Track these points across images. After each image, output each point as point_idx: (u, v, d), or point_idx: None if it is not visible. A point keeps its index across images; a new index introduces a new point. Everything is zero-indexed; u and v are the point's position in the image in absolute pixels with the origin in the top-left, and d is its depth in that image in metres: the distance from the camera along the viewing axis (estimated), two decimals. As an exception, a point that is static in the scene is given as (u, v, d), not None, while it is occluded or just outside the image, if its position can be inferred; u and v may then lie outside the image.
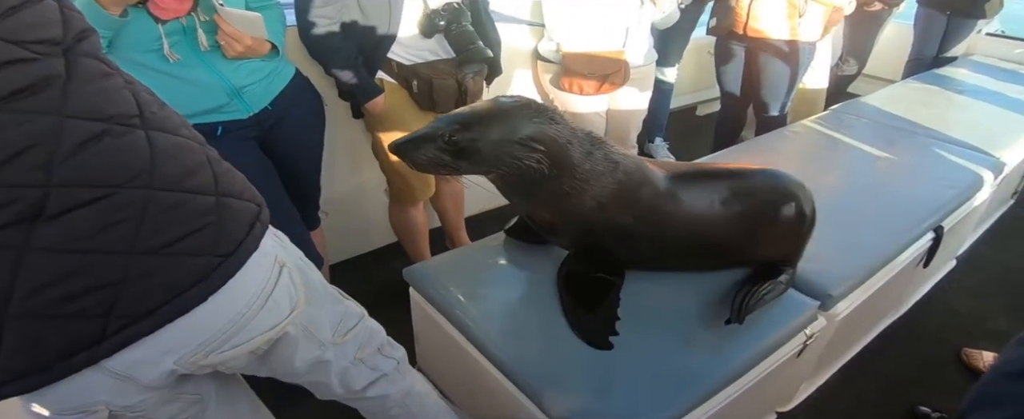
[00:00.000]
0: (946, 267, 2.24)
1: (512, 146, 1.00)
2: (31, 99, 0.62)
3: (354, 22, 1.51)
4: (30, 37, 0.63)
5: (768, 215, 1.29)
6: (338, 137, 1.92)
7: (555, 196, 1.09)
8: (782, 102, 2.57)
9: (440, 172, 1.03)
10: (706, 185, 1.25)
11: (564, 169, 1.06)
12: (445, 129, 0.99)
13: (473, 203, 2.32)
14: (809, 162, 2.06)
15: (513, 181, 1.08)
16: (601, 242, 1.23)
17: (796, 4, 2.30)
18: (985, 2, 3.14)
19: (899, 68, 3.59)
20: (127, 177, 0.68)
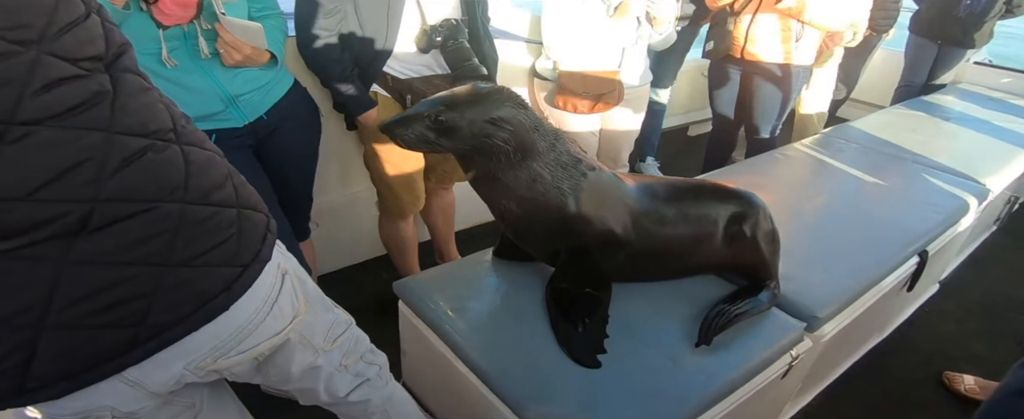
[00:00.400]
0: (930, 291, 2.27)
1: (485, 125, 1.08)
2: (84, 115, 0.63)
3: (352, 35, 1.52)
4: (81, 54, 0.64)
5: (727, 228, 1.33)
6: (331, 148, 1.93)
7: (521, 183, 1.15)
8: (773, 125, 2.61)
9: (424, 148, 1.10)
10: (668, 194, 1.30)
11: (528, 153, 1.13)
12: (431, 109, 1.08)
13: (463, 218, 2.32)
14: (797, 185, 2.09)
15: (481, 163, 1.14)
16: (570, 244, 1.25)
17: (792, 28, 2.35)
18: (975, 33, 3.22)
19: (888, 94, 3.67)
20: (166, 191, 0.70)
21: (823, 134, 2.61)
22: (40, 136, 0.60)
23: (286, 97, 1.50)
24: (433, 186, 1.99)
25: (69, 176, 0.62)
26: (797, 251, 1.56)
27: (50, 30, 0.61)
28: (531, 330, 1.26)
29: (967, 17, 3.16)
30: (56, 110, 0.61)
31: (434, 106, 1.08)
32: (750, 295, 1.36)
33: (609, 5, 1.97)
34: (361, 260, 2.33)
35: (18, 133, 0.58)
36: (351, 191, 2.11)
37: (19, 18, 0.58)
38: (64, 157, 0.61)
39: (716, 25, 2.54)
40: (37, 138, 0.59)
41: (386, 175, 1.75)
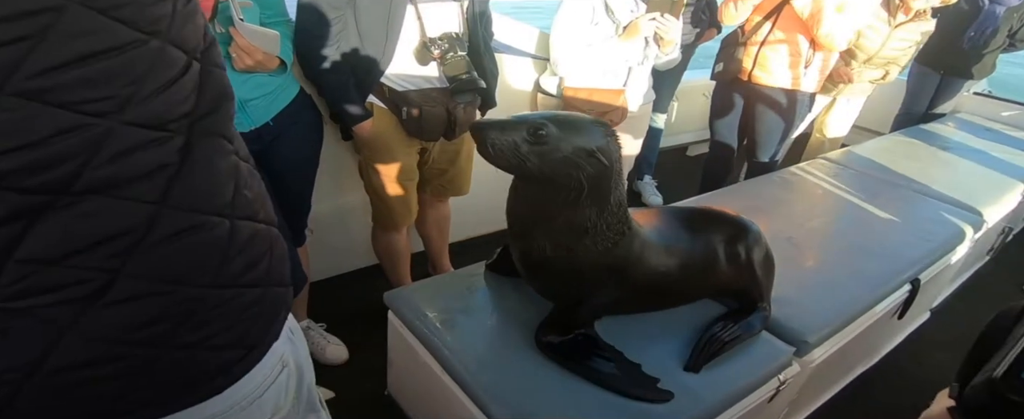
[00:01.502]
0: (920, 319, 2.26)
1: (581, 154, 1.05)
2: (139, 186, 0.57)
3: (351, 46, 1.54)
4: (166, 117, 0.58)
5: (725, 255, 1.33)
6: (327, 155, 1.94)
7: (572, 229, 1.10)
8: (775, 150, 2.61)
9: (505, 160, 1.04)
10: (673, 231, 1.29)
11: (597, 200, 1.09)
12: (535, 121, 1.04)
13: (458, 230, 2.33)
14: (793, 208, 2.10)
15: (545, 194, 1.09)
16: (579, 293, 1.23)
17: (802, 53, 2.36)
18: (975, 64, 3.25)
19: (888, 120, 3.69)
20: (197, 275, 0.63)
21: (822, 158, 2.62)
22: (89, 204, 0.54)
23: (292, 104, 1.51)
24: (428, 198, 2.00)
25: (101, 247, 0.56)
26: (789, 275, 1.56)
27: (136, 97, 0.54)
28: (519, 347, 1.26)
29: (970, 49, 3.18)
30: (116, 181, 0.55)
31: (538, 119, 1.04)
32: (742, 318, 1.36)
33: (619, 25, 1.99)
34: (354, 268, 2.33)
35: (67, 201, 0.53)
36: (346, 199, 2.12)
37: (105, 89, 0.52)
38: (107, 227, 0.56)
39: (726, 48, 2.54)
40: (86, 206, 0.54)
41: (380, 187, 1.76)
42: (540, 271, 1.22)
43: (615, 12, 1.97)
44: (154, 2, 0.54)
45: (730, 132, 2.69)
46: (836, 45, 2.29)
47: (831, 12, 2.20)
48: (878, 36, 2.69)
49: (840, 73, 2.76)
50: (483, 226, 2.60)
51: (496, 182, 2.45)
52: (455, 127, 1.67)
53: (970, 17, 3.13)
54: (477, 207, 2.35)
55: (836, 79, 2.80)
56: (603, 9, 1.97)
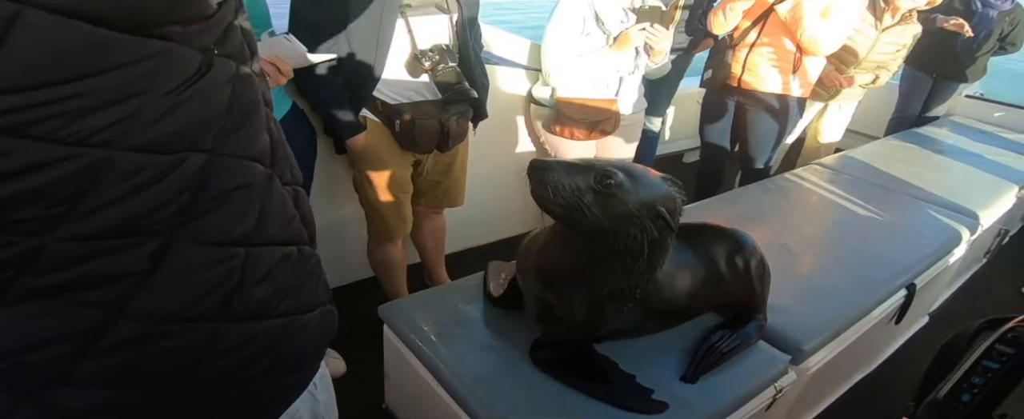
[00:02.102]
0: (918, 323, 2.26)
1: (648, 213, 0.96)
2: (97, 292, 0.50)
3: (343, 59, 1.54)
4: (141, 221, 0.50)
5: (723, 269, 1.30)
6: (321, 168, 1.94)
7: (616, 295, 1.02)
8: (768, 156, 2.61)
9: (561, 204, 0.94)
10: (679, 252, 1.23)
11: (651, 266, 1.01)
12: (604, 169, 0.95)
13: (454, 240, 2.33)
14: (788, 215, 2.10)
15: (598, 254, 0.99)
16: (593, 327, 1.19)
17: (790, 58, 2.37)
18: (969, 68, 3.27)
19: (882, 123, 3.70)
20: (155, 383, 0.55)
21: (816, 163, 2.63)
22: (27, 307, 0.49)
23: (284, 120, 1.50)
24: (423, 210, 2.00)
25: (45, 352, 0.50)
26: (785, 282, 1.56)
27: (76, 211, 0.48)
28: (514, 358, 1.25)
29: (963, 52, 3.20)
30: (59, 289, 0.49)
31: (608, 167, 0.96)
32: (738, 328, 1.35)
33: (609, 35, 2.00)
34: (351, 281, 2.32)
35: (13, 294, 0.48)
36: (341, 212, 2.12)
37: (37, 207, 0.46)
38: (43, 337, 0.50)
39: (715, 54, 2.55)
40: (24, 309, 0.48)
41: (375, 200, 1.76)
42: (557, 326, 1.14)
43: (605, 23, 1.98)
44: (89, 113, 0.45)
45: (721, 138, 2.69)
46: (821, 50, 2.30)
47: (814, 17, 2.21)
48: (866, 40, 2.71)
49: (833, 78, 2.76)
50: (479, 237, 2.60)
51: (491, 192, 2.49)
52: (448, 139, 1.67)
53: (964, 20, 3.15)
54: (473, 218, 2.35)
55: (828, 84, 2.81)
56: (594, 20, 1.99)
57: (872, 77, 2.81)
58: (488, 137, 2.27)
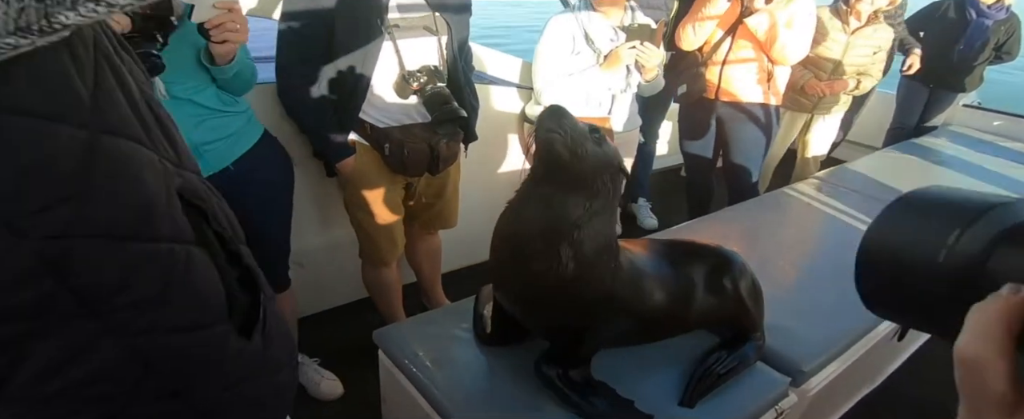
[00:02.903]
0: (922, 338, 2.23)
1: (616, 164, 1.11)
2: None
3: (330, 82, 1.53)
4: None
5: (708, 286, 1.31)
6: (313, 190, 1.93)
7: (597, 242, 1.09)
8: (758, 168, 2.60)
9: (564, 149, 1.03)
10: (660, 263, 1.27)
11: (614, 211, 1.14)
12: (590, 126, 1.11)
13: (451, 259, 2.32)
14: (785, 231, 2.09)
15: (579, 202, 1.07)
16: (582, 328, 1.19)
17: (765, 67, 2.37)
18: (966, 77, 3.27)
19: (881, 134, 3.70)
20: None
21: (815, 177, 2.62)
22: None
23: (255, 148, 1.46)
24: (417, 231, 1.99)
25: None
26: (783, 301, 1.55)
27: None
28: (508, 384, 1.23)
29: (959, 61, 3.21)
30: None
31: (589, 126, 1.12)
32: (735, 349, 1.33)
33: (599, 54, 2.00)
34: (347, 301, 2.31)
35: None
36: (335, 234, 2.11)
37: None
38: None
39: (687, 69, 2.52)
40: None
41: (366, 223, 1.75)
42: (549, 301, 1.14)
43: (595, 42, 1.99)
44: None
45: (704, 150, 2.66)
46: (790, 59, 2.33)
47: (783, 28, 2.24)
48: (837, 45, 2.73)
49: (813, 86, 2.77)
50: (477, 255, 2.58)
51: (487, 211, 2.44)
52: (438, 162, 1.66)
53: (958, 30, 3.16)
54: (469, 237, 2.33)
55: (809, 92, 2.81)
56: (583, 39, 1.99)
57: (854, 83, 2.82)
58: (483, 156, 2.26)
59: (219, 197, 0.62)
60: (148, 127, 0.48)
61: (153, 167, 0.47)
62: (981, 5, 3.08)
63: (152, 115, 0.50)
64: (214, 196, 0.60)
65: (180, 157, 0.53)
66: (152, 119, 0.50)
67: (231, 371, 0.55)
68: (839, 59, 2.76)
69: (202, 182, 0.58)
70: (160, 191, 0.47)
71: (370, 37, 1.48)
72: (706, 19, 2.30)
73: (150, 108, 0.50)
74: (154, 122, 0.50)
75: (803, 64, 2.76)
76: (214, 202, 0.57)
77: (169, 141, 0.52)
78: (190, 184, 0.53)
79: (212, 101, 1.36)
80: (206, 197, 0.55)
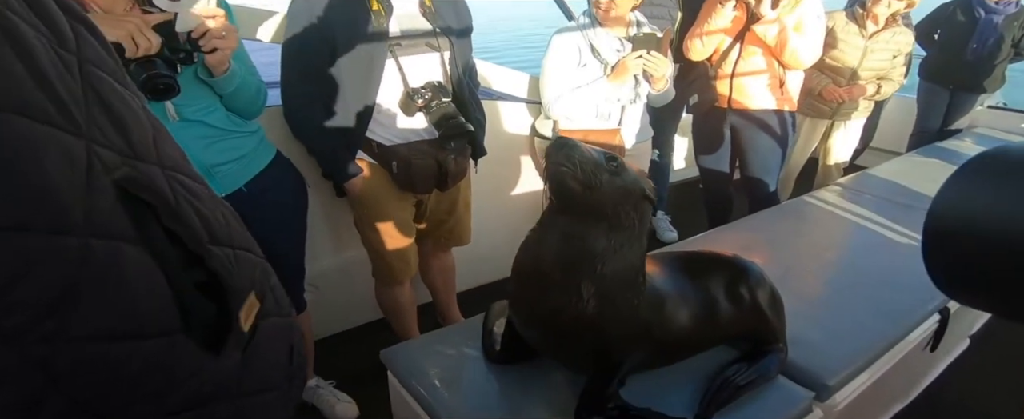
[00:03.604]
0: (958, 348, 2.13)
1: (639, 192, 1.05)
2: None
3: (335, 101, 1.54)
4: None
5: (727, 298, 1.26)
6: (325, 211, 1.93)
7: (620, 277, 1.04)
8: (776, 176, 2.55)
9: (575, 180, 0.98)
10: (676, 279, 1.22)
11: (642, 243, 1.07)
12: (608, 152, 1.05)
13: (466, 278, 2.30)
14: (806, 239, 2.02)
15: (599, 235, 1.02)
16: (609, 359, 1.14)
17: (776, 73, 2.33)
18: (986, 78, 3.19)
19: (904, 139, 3.61)
20: None
21: (836, 184, 2.55)
22: None
23: (268, 169, 1.47)
24: (430, 250, 1.98)
25: None
26: (805, 313, 1.49)
27: None
28: (519, 403, 1.20)
29: (975, 61, 3.13)
30: None
31: (608, 151, 1.06)
32: (756, 361, 1.29)
33: (606, 65, 1.99)
34: (362, 322, 2.30)
35: None
36: (348, 255, 2.11)
37: None
38: None
39: (698, 78, 2.49)
40: None
41: (377, 243, 1.74)
42: (569, 335, 1.09)
43: (601, 53, 1.98)
44: None
45: (720, 163, 2.62)
46: (803, 62, 2.28)
47: (792, 32, 2.21)
48: (855, 50, 2.68)
49: (832, 92, 2.72)
50: (492, 273, 2.56)
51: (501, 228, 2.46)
52: (447, 178, 1.65)
53: (968, 30, 3.09)
54: (484, 255, 2.32)
55: (829, 99, 2.76)
56: (589, 51, 1.98)
57: (875, 88, 2.76)
58: (495, 173, 2.25)
59: (211, 200, 0.57)
60: (65, 107, 0.42)
61: (63, 151, 0.41)
62: (988, 2, 3.01)
63: (93, 97, 0.45)
64: (197, 197, 0.54)
65: (132, 147, 0.48)
66: (88, 101, 0.44)
67: (190, 390, 0.49)
68: (857, 64, 2.71)
69: (175, 179, 0.52)
70: (71, 179, 0.41)
71: (372, 56, 1.49)
72: (714, 29, 2.27)
73: (91, 89, 0.45)
74: (96, 105, 0.45)
75: (820, 70, 2.72)
76: (174, 199, 0.51)
77: (118, 128, 0.47)
78: (143, 177, 0.48)
79: (222, 121, 1.37)
80: (160, 192, 0.49)
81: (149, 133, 0.51)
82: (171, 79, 1.13)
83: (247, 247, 0.60)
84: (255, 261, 0.60)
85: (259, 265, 0.61)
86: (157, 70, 1.11)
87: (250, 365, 0.55)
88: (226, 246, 0.56)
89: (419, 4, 1.58)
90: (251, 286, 0.58)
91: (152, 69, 1.10)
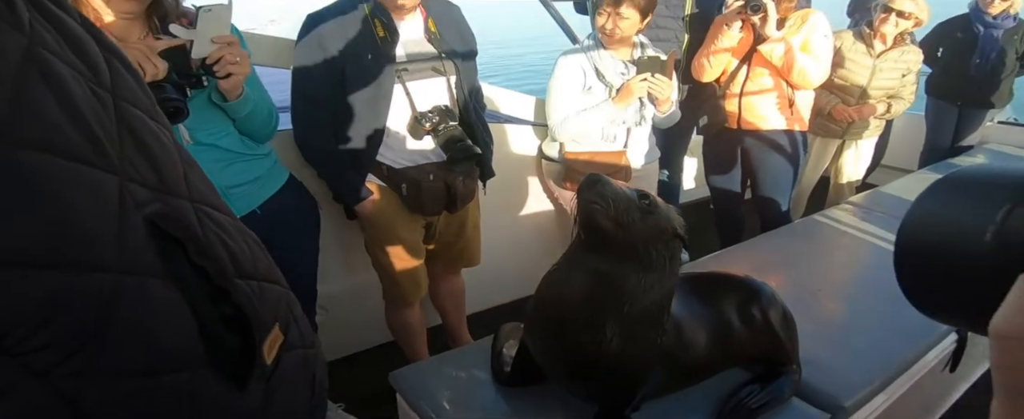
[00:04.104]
0: (980, 369, 2.08)
1: (671, 232, 1.02)
2: None
3: (344, 127, 1.56)
4: None
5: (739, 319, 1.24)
6: (336, 233, 1.94)
7: (647, 317, 1.03)
8: (788, 197, 2.53)
9: (607, 216, 0.97)
10: (689, 305, 1.20)
11: (671, 284, 1.05)
12: (641, 190, 1.04)
13: (476, 300, 2.29)
14: (819, 259, 2.00)
15: (628, 273, 1.00)
16: (629, 391, 1.13)
17: (785, 93, 2.33)
18: (993, 93, 3.17)
19: (915, 157, 3.59)
20: None
21: (848, 202, 2.53)
22: None
23: (281, 192, 1.49)
24: (440, 272, 1.98)
25: None
26: (819, 333, 1.47)
27: None
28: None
29: (980, 76, 3.12)
30: None
31: (642, 189, 1.06)
32: (769, 383, 1.26)
33: (611, 88, 2.01)
34: (372, 345, 2.29)
35: None
36: (358, 277, 2.11)
37: None
38: None
39: (707, 100, 2.50)
40: None
41: (387, 264, 1.75)
42: (588, 370, 1.08)
43: (606, 76, 1.99)
44: None
45: (731, 183, 2.61)
46: (811, 82, 2.28)
47: (799, 52, 2.22)
48: (863, 69, 2.68)
49: (841, 112, 2.72)
50: (502, 296, 2.56)
51: (510, 251, 2.46)
52: (456, 200, 1.67)
53: (970, 45, 3.09)
54: (494, 277, 2.32)
55: (838, 118, 2.76)
56: (594, 74, 2.00)
57: (885, 107, 2.75)
58: (503, 195, 2.26)
59: (238, 232, 0.58)
60: (99, 144, 0.43)
61: (96, 189, 0.42)
62: (986, 17, 3.01)
63: (127, 134, 0.46)
64: (224, 230, 0.55)
65: (164, 182, 0.49)
66: (122, 138, 0.45)
67: None
68: (866, 84, 2.71)
69: (204, 212, 0.53)
70: (104, 216, 0.42)
71: (380, 82, 1.52)
72: (720, 50, 2.29)
73: (125, 126, 0.46)
74: (129, 142, 0.46)
75: (830, 89, 2.72)
76: (203, 233, 0.52)
77: (151, 163, 0.48)
78: (174, 212, 0.49)
79: (236, 145, 1.40)
80: (190, 227, 0.50)
81: (180, 167, 0.52)
82: (181, 102, 1.16)
83: (272, 278, 0.61)
84: (280, 292, 0.60)
85: (284, 296, 0.61)
86: (166, 94, 1.14)
87: (273, 397, 0.55)
88: (252, 279, 0.56)
89: (424, 29, 1.61)
90: (276, 318, 0.58)
91: (161, 93, 1.13)
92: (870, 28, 2.66)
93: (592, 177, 1.01)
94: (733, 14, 2.17)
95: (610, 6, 1.89)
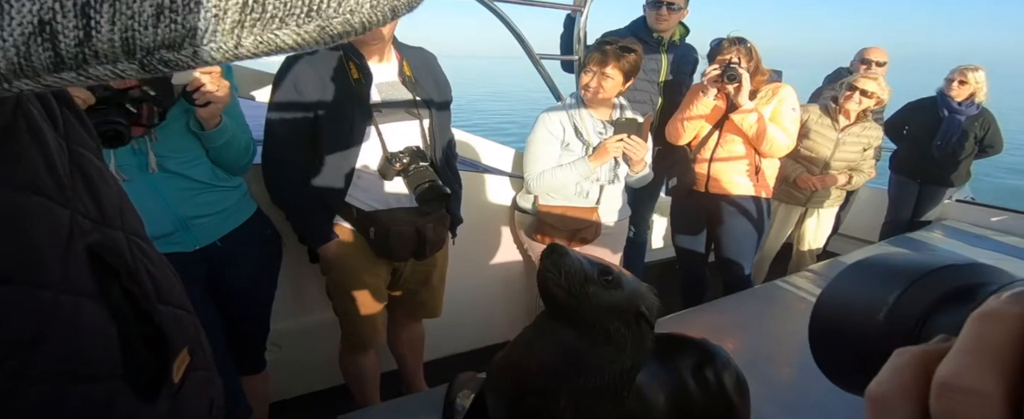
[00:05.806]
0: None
1: (632, 311, 1.00)
2: None
3: (314, 165, 1.56)
4: None
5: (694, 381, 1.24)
6: (293, 271, 1.91)
7: (604, 393, 1.00)
8: (750, 260, 2.59)
9: (561, 289, 0.97)
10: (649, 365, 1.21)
11: (636, 363, 1.02)
12: (606, 265, 1.01)
13: (434, 347, 2.25)
14: (777, 323, 2.03)
15: (587, 348, 0.99)
16: None
17: (753, 161, 2.42)
18: (952, 173, 3.33)
19: (876, 229, 3.70)
20: None
21: (809, 270, 2.58)
22: None
23: (245, 225, 1.48)
24: (401, 318, 1.95)
25: None
26: (772, 394, 1.48)
27: None
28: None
29: (941, 157, 3.28)
30: None
31: (608, 264, 1.02)
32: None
33: (589, 146, 2.06)
34: (322, 387, 2.23)
35: None
36: (313, 317, 2.07)
37: None
38: None
39: (678, 162, 2.57)
40: None
41: (348, 308, 1.72)
42: None
43: (585, 134, 2.05)
44: None
45: (696, 244, 2.67)
46: (779, 151, 2.38)
47: (769, 122, 2.32)
48: (828, 142, 2.81)
49: (805, 180, 2.83)
50: (461, 344, 2.52)
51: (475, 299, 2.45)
52: (425, 246, 1.65)
53: (934, 127, 3.27)
54: (455, 324, 2.29)
55: (802, 186, 2.87)
56: (573, 132, 2.05)
57: (846, 178, 2.87)
58: (473, 244, 2.27)
59: (162, 263, 0.64)
60: (61, 183, 0.49)
61: (51, 220, 0.48)
62: (952, 102, 3.20)
63: (77, 172, 0.52)
64: (150, 260, 0.61)
65: (104, 215, 0.55)
66: (74, 176, 0.52)
67: None
68: (829, 155, 2.83)
69: (134, 243, 0.59)
70: (53, 242, 0.48)
71: (353, 123, 1.52)
72: (695, 116, 2.38)
73: (77, 166, 0.53)
74: (79, 180, 0.52)
75: (795, 159, 2.84)
76: (132, 262, 0.58)
77: (93, 198, 0.54)
78: (110, 242, 0.55)
79: (206, 175, 1.38)
80: (122, 255, 0.56)
81: (117, 203, 0.59)
82: (122, 125, 1.12)
83: (185, 307, 0.67)
84: (190, 319, 0.67)
85: (192, 322, 0.67)
86: (107, 117, 1.10)
87: (177, 413, 0.60)
88: (169, 305, 0.62)
89: (399, 72, 1.63)
90: (185, 341, 0.64)
91: (101, 116, 1.10)
92: (835, 104, 2.81)
93: (552, 247, 1.02)
94: (711, 82, 2.27)
95: (596, 65, 1.97)
